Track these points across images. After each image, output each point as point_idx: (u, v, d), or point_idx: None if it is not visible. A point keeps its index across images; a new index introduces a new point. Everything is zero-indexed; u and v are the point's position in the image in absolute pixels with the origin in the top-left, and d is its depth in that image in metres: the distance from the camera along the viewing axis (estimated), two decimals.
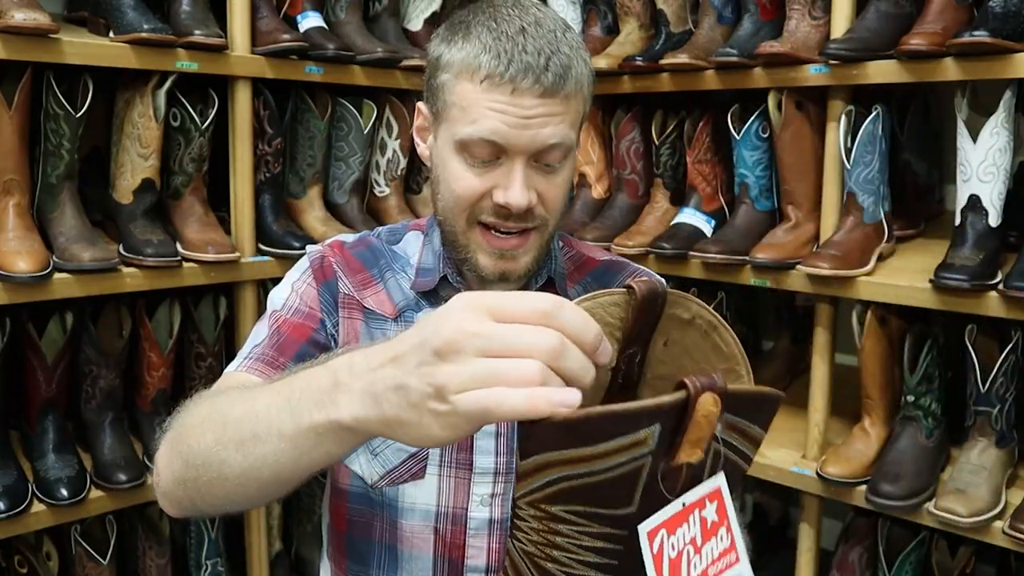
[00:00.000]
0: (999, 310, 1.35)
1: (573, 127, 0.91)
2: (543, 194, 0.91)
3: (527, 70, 0.85)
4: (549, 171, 0.91)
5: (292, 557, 1.92)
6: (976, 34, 1.30)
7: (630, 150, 1.87)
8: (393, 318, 0.98)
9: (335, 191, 1.84)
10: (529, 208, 0.90)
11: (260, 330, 0.98)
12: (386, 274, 1.01)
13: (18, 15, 1.31)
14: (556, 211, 0.94)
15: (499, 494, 0.97)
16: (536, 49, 0.86)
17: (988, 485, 1.39)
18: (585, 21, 1.96)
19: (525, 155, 0.88)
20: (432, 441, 0.53)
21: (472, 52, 0.87)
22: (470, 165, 0.90)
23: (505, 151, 0.88)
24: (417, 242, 1.04)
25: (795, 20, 1.58)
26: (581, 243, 1.11)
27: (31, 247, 1.39)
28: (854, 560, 1.62)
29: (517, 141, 0.87)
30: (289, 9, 1.75)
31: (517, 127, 0.86)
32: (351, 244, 1.04)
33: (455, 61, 0.89)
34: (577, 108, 0.91)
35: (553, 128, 0.87)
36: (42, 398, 1.50)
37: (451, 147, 0.91)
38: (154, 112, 1.53)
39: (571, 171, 0.95)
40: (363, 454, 0.98)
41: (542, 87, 0.85)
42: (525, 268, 0.94)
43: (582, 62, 0.90)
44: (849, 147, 1.50)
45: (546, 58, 0.86)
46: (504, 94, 0.86)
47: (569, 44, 0.89)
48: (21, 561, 1.52)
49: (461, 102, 0.88)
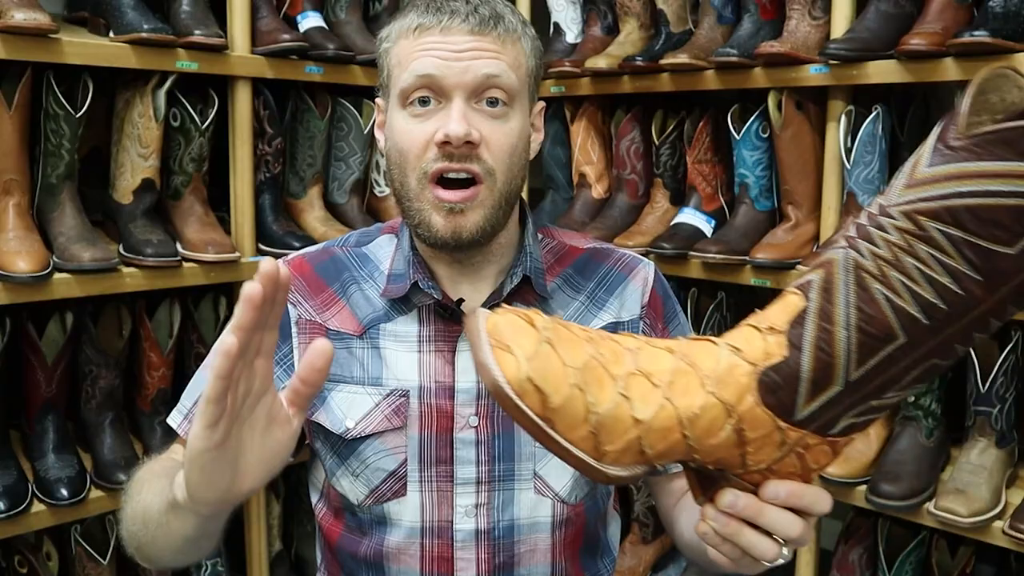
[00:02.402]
0: None
1: (515, 70, 0.91)
2: (487, 137, 0.89)
3: (454, 12, 0.89)
4: (494, 113, 0.90)
5: (292, 557, 1.92)
6: (976, 34, 1.30)
7: (630, 150, 1.87)
8: (358, 335, 0.97)
9: (335, 191, 1.84)
10: (471, 142, 0.88)
11: (199, 376, 1.00)
12: (349, 288, 0.99)
13: (18, 15, 1.31)
14: (504, 162, 0.91)
15: (483, 504, 0.95)
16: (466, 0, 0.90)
17: (988, 485, 1.39)
18: (585, 21, 1.96)
19: (462, 91, 0.88)
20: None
21: (408, 15, 0.92)
22: (413, 116, 0.90)
23: (443, 90, 0.88)
24: (389, 246, 1.02)
25: (795, 20, 1.58)
26: (564, 232, 1.08)
27: (31, 247, 1.39)
28: (854, 560, 1.62)
29: (450, 72, 0.88)
30: (289, 9, 1.75)
31: (449, 59, 0.88)
32: (313, 256, 1.02)
33: (394, 30, 0.93)
34: (516, 56, 0.91)
35: (487, 61, 0.89)
36: (42, 398, 1.50)
37: (397, 107, 0.92)
38: (154, 112, 1.53)
39: (521, 126, 0.93)
40: (344, 477, 0.96)
41: (470, 25, 0.88)
42: (475, 226, 0.90)
43: (517, 19, 0.93)
44: (849, 147, 1.50)
45: (474, 5, 0.90)
46: (434, 35, 0.89)
47: (503, 2, 0.93)
48: (21, 561, 1.52)
49: (398, 59, 0.91)
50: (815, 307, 0.59)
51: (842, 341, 0.57)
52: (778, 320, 0.61)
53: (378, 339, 0.97)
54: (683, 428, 0.60)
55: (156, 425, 1.61)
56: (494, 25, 0.89)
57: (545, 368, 0.59)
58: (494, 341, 0.59)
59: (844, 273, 0.57)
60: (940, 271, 0.54)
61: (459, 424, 0.95)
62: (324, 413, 0.96)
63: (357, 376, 0.96)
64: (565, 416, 0.60)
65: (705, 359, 0.62)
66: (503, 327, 0.60)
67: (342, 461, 0.96)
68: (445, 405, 0.95)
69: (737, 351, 0.61)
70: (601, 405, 0.60)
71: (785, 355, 0.60)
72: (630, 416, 0.60)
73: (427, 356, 0.96)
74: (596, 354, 0.61)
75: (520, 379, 0.59)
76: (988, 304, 0.55)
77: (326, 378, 0.67)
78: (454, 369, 0.95)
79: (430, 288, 0.95)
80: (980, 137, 0.51)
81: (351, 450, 0.95)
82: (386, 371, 0.96)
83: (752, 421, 0.61)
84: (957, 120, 0.53)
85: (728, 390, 0.60)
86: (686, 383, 0.61)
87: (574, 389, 0.59)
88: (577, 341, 0.62)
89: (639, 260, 1.07)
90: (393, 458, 0.94)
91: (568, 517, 0.98)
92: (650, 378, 0.61)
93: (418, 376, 0.95)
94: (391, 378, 0.95)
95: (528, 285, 0.98)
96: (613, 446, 0.61)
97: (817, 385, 0.59)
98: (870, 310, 0.56)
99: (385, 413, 0.95)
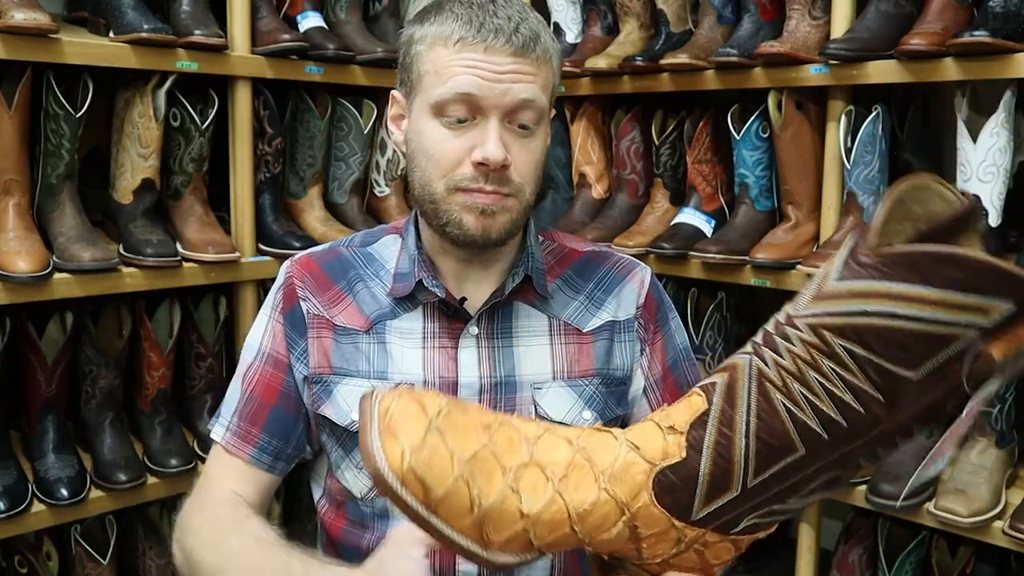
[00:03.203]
0: None
1: (545, 91, 0.93)
2: (516, 157, 0.91)
3: (498, 31, 0.89)
4: (523, 134, 0.92)
5: None
6: (976, 34, 1.30)
7: (630, 150, 1.87)
8: (365, 331, 0.99)
9: (335, 191, 1.84)
10: (505, 166, 0.90)
11: (235, 385, 1.02)
12: (356, 285, 1.01)
13: (18, 15, 1.31)
14: (530, 180, 0.94)
15: None
16: (507, 15, 0.90)
17: (988, 485, 1.40)
18: (585, 21, 1.96)
19: (499, 111, 0.90)
20: None
21: (445, 22, 0.91)
22: (446, 126, 0.91)
23: (480, 108, 0.90)
24: (394, 246, 1.04)
25: (795, 20, 1.58)
26: (563, 235, 1.11)
27: (31, 247, 1.39)
28: (854, 560, 1.62)
29: (490, 94, 0.89)
30: (289, 9, 1.75)
31: (491, 80, 0.89)
32: (320, 255, 1.05)
33: (428, 34, 0.93)
34: (547, 76, 0.93)
35: (525, 85, 0.90)
36: (42, 398, 1.50)
37: (427, 113, 0.92)
38: (154, 112, 1.53)
39: (544, 141, 0.97)
40: (349, 469, 0.99)
41: (513, 46, 0.89)
42: (503, 228, 0.93)
43: (549, 36, 0.94)
44: (849, 147, 1.50)
45: (516, 23, 0.90)
46: (477, 52, 0.89)
47: (536, 18, 0.94)
48: (21, 561, 1.52)
49: (435, 67, 0.91)
50: (716, 411, 0.59)
51: (740, 449, 0.57)
52: (680, 420, 0.61)
53: (384, 335, 0.99)
54: (573, 523, 0.60)
55: (156, 425, 1.61)
56: (533, 47, 0.90)
57: (430, 459, 0.59)
58: (382, 426, 0.59)
59: (747, 380, 0.57)
60: (842, 388, 0.53)
61: None
62: (330, 406, 0.98)
63: (363, 370, 0.98)
64: (450, 506, 0.59)
65: (603, 454, 0.61)
66: (395, 413, 0.60)
67: (346, 453, 0.99)
68: None
69: (636, 448, 0.61)
70: (488, 498, 0.59)
71: (683, 456, 0.59)
72: (517, 509, 0.59)
73: (431, 352, 0.98)
74: (489, 443, 0.61)
75: (403, 469, 0.58)
76: (890, 424, 0.54)
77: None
78: (457, 364, 0.97)
79: (434, 286, 0.97)
80: (888, 257, 0.50)
81: (356, 442, 0.97)
82: (392, 366, 0.98)
83: (647, 519, 0.60)
84: (868, 236, 0.52)
85: (623, 487, 0.60)
86: (579, 477, 0.60)
87: (459, 481, 0.59)
88: (471, 429, 0.61)
89: (636, 264, 1.09)
90: None
91: None
92: (544, 470, 0.60)
93: (423, 371, 0.97)
94: (396, 372, 0.98)
95: (529, 284, 1.00)
96: (499, 536, 0.60)
97: (714, 488, 0.59)
98: (770, 421, 0.56)
99: None
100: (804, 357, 0.54)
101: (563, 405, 0.99)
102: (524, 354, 0.99)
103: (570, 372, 1.00)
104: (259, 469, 0.99)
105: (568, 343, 1.00)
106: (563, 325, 1.01)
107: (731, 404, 0.58)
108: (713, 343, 1.79)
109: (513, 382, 0.98)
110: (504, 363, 0.98)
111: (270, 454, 0.99)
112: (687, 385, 1.06)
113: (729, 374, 0.59)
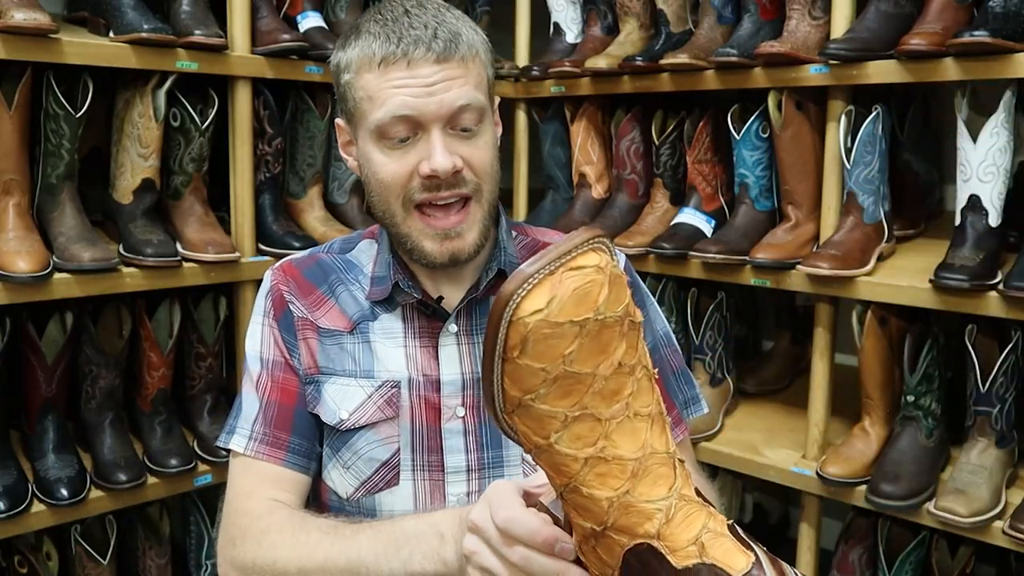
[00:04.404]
0: (999, 310, 1.35)
1: (479, 89, 0.93)
2: (468, 158, 0.92)
3: (417, 42, 0.89)
4: (468, 136, 0.92)
5: None
6: (976, 34, 1.30)
7: (630, 150, 1.87)
8: (348, 331, 1.00)
9: (335, 191, 1.84)
10: (456, 171, 0.91)
11: (249, 396, 1.01)
12: (337, 288, 1.02)
13: (18, 15, 1.31)
14: (487, 175, 0.94)
15: (475, 492, 0.97)
16: (422, 23, 0.90)
17: (988, 485, 1.39)
18: (585, 21, 1.96)
19: (439, 122, 0.90)
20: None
21: (365, 44, 0.91)
22: (390, 149, 0.92)
23: (420, 124, 0.90)
24: (371, 250, 1.05)
25: (795, 20, 1.58)
26: (535, 228, 1.12)
27: (31, 247, 1.39)
28: (854, 560, 1.62)
29: (426, 108, 0.89)
30: (289, 9, 1.75)
31: (422, 96, 0.89)
32: (300, 262, 1.06)
33: (352, 59, 0.93)
34: (478, 72, 0.93)
35: (458, 90, 0.90)
36: (42, 398, 1.50)
37: (371, 140, 0.93)
38: (154, 112, 1.53)
39: (492, 135, 0.97)
40: (335, 469, 0.99)
41: (435, 54, 0.89)
42: (472, 245, 0.95)
43: (471, 29, 0.94)
44: (849, 147, 1.50)
45: (433, 29, 0.90)
46: (401, 69, 0.89)
47: (454, 15, 0.94)
48: (21, 561, 1.52)
49: (367, 93, 0.91)
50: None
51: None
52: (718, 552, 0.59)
53: (368, 334, 1.00)
54: (578, 476, 0.59)
55: (156, 425, 1.61)
56: (455, 47, 0.90)
57: (549, 342, 0.55)
58: (555, 284, 0.55)
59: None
60: None
61: (446, 415, 0.98)
62: (320, 406, 0.99)
63: (349, 369, 0.99)
64: (518, 375, 0.57)
65: (658, 490, 0.60)
66: (572, 291, 0.55)
67: (334, 453, 0.99)
68: (432, 397, 0.98)
69: (668, 519, 0.59)
70: (555, 408, 0.57)
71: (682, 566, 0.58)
72: (570, 449, 0.58)
73: (413, 351, 0.99)
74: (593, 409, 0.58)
75: (527, 320, 0.55)
76: None
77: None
78: (438, 363, 0.99)
79: (410, 288, 0.98)
80: None
81: (344, 441, 0.98)
82: (377, 364, 0.99)
83: (605, 547, 0.61)
84: None
85: (625, 519, 0.59)
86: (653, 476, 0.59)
87: (546, 378, 0.56)
88: (585, 379, 0.58)
89: (618, 253, 1.08)
90: (386, 448, 0.97)
91: None
92: (620, 462, 0.59)
93: (406, 369, 0.98)
94: (382, 370, 0.99)
95: (504, 279, 0.99)
96: (525, 424, 0.59)
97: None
98: None
99: (378, 404, 0.97)
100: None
101: None
102: None
103: None
104: (297, 472, 0.98)
105: None
106: None
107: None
108: (713, 343, 1.79)
109: None
110: None
111: (304, 455, 0.99)
112: (670, 373, 1.07)
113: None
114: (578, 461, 0.59)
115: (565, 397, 0.57)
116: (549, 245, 1.04)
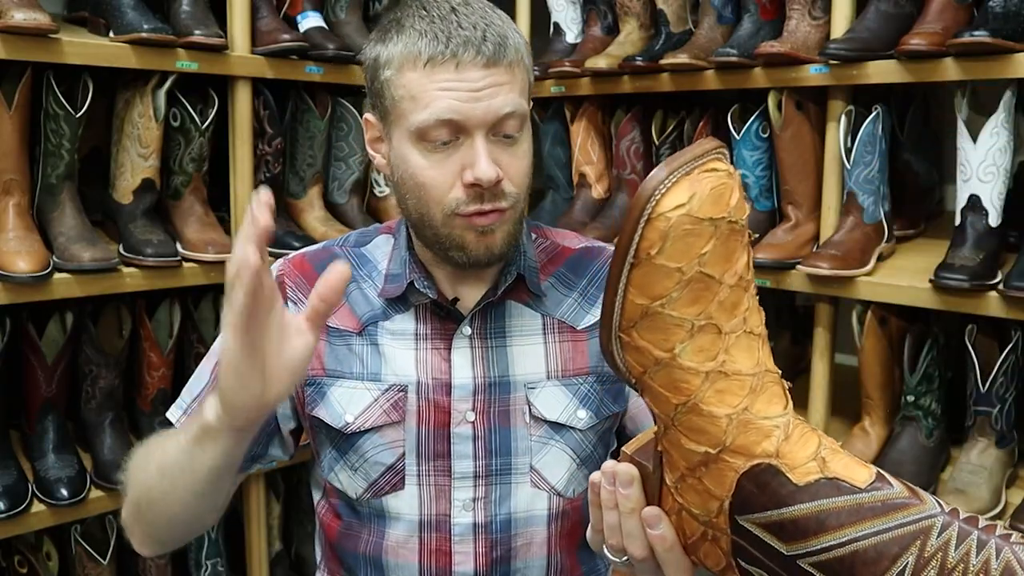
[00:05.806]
0: (999, 310, 1.35)
1: (523, 95, 0.91)
2: (507, 168, 0.89)
3: (466, 43, 0.86)
4: (509, 142, 0.90)
5: (292, 557, 1.92)
6: (976, 34, 1.30)
7: (630, 150, 1.87)
8: (357, 332, 0.98)
9: (335, 191, 1.84)
10: (498, 181, 0.88)
11: (203, 372, 1.00)
12: (348, 287, 0.99)
13: (18, 15, 1.31)
14: (523, 186, 0.92)
15: (481, 498, 0.96)
16: (471, 24, 0.87)
17: (988, 485, 1.39)
18: (585, 21, 1.96)
19: (483, 128, 0.87)
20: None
21: (409, 41, 0.87)
22: (431, 152, 0.89)
23: (463, 128, 0.87)
24: (387, 246, 1.03)
25: (795, 20, 1.58)
26: (557, 232, 1.09)
27: (31, 247, 1.39)
28: None
29: (472, 114, 0.86)
30: (289, 9, 1.75)
31: (469, 100, 0.86)
32: (313, 255, 1.03)
33: (394, 55, 0.89)
34: (522, 77, 0.91)
35: (504, 97, 0.87)
36: (42, 398, 1.50)
37: (408, 141, 0.89)
38: (154, 112, 1.53)
39: (530, 143, 0.94)
40: (343, 471, 0.98)
41: (484, 57, 0.86)
42: (503, 242, 0.92)
43: (515, 32, 0.91)
44: (849, 147, 1.50)
45: (482, 31, 0.87)
46: (449, 71, 0.86)
47: (500, 17, 0.91)
48: (21, 561, 1.52)
49: (409, 92, 0.88)
50: (899, 493, 0.58)
51: (853, 548, 0.56)
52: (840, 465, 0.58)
53: (376, 336, 0.98)
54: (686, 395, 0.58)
55: (156, 425, 1.61)
56: (504, 52, 0.87)
57: (688, 240, 0.55)
58: (694, 182, 0.54)
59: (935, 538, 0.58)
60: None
61: (456, 419, 0.96)
62: (324, 408, 0.97)
63: (356, 372, 0.97)
64: (651, 278, 0.56)
65: (773, 408, 0.59)
66: (710, 190, 0.55)
67: (341, 455, 0.98)
68: (442, 400, 0.96)
69: (788, 437, 0.58)
70: (677, 310, 0.56)
71: (801, 483, 0.56)
72: (692, 361, 0.57)
73: (424, 353, 0.97)
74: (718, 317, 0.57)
75: (667, 213, 0.54)
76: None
77: (341, 298, 0.75)
78: (450, 366, 0.97)
79: (426, 288, 0.96)
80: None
81: (350, 444, 0.97)
82: (385, 367, 0.97)
83: (714, 474, 0.59)
84: None
85: (743, 438, 0.57)
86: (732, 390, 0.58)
87: (680, 279, 0.55)
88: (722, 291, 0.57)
89: None
90: (391, 452, 0.96)
91: (564, 510, 0.99)
92: (738, 377, 0.58)
93: (416, 372, 0.97)
94: (390, 374, 0.97)
95: (522, 283, 0.99)
96: (645, 338, 0.57)
97: (783, 531, 0.56)
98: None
99: (384, 408, 0.96)
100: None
101: (557, 405, 0.98)
102: (518, 354, 0.98)
103: (564, 371, 0.99)
104: None
105: (562, 341, 1.00)
106: (557, 323, 1.00)
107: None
108: None
109: (507, 382, 0.97)
110: (498, 363, 0.98)
111: None
112: None
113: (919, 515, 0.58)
114: (699, 375, 0.57)
115: (694, 304, 0.56)
116: (569, 251, 1.05)
